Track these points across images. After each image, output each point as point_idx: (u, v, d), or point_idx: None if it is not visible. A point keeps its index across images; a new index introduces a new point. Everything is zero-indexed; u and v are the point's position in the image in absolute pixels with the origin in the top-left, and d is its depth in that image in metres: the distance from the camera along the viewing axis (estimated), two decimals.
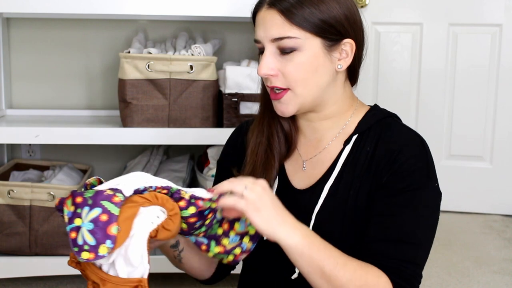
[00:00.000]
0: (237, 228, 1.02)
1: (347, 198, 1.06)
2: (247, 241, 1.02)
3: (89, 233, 0.82)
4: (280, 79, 1.07)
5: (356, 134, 1.11)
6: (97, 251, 0.81)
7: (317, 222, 1.07)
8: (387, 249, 1.01)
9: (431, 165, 1.07)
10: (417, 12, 2.90)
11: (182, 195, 0.93)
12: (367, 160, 1.07)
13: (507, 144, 2.89)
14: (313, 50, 1.05)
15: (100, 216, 0.82)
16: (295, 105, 1.08)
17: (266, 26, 1.06)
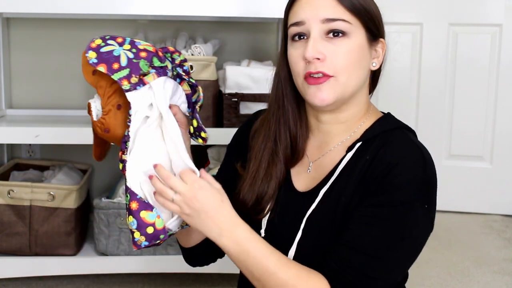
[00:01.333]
0: (143, 215, 0.99)
1: (338, 204, 1.05)
2: (138, 235, 0.99)
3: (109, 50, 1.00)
4: (327, 65, 1.04)
5: (360, 142, 1.08)
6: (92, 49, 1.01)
7: (307, 226, 1.06)
8: (348, 255, 0.99)
9: (426, 187, 1.02)
10: (417, 12, 2.91)
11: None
12: (363, 169, 1.04)
13: (507, 144, 2.89)
14: (360, 40, 1.05)
15: (117, 63, 0.98)
16: (335, 94, 1.05)
17: (317, 6, 1.04)
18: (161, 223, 0.99)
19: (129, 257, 2.01)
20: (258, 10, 1.95)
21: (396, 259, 1.00)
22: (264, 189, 1.12)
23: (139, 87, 0.98)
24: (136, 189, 0.99)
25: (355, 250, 0.99)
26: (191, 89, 1.09)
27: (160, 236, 1.00)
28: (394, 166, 1.00)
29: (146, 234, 0.99)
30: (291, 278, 0.98)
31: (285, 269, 0.99)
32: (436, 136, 2.92)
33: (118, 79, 0.97)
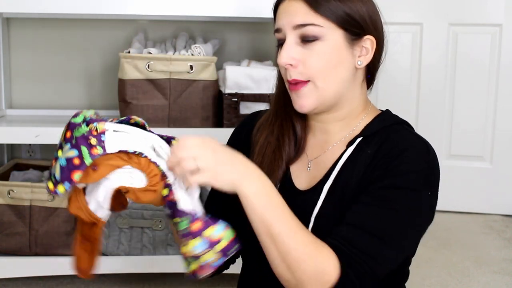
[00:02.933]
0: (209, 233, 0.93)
1: (344, 199, 1.05)
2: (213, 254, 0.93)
3: (60, 168, 0.90)
4: (301, 70, 1.05)
5: (360, 137, 1.09)
6: (56, 187, 0.90)
7: (316, 224, 1.06)
8: (353, 235, 0.98)
9: (432, 175, 1.04)
10: (417, 12, 2.91)
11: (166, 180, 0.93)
12: (366, 162, 1.05)
13: (507, 144, 2.89)
14: (336, 42, 1.05)
15: (74, 158, 0.90)
16: (314, 99, 1.06)
17: (289, 13, 1.04)
18: (230, 234, 0.94)
19: (129, 257, 2.01)
20: (258, 10, 1.95)
21: (396, 240, 1.01)
22: None
23: (103, 137, 0.91)
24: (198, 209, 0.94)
25: (357, 228, 0.99)
26: None
27: (234, 247, 0.95)
28: (399, 154, 1.02)
29: (220, 251, 0.93)
30: (309, 242, 0.96)
31: (305, 233, 0.96)
32: (436, 136, 2.92)
33: (90, 157, 0.90)
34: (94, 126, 0.92)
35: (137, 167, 0.92)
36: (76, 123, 0.93)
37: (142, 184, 0.92)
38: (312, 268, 0.95)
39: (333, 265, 0.96)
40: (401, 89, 2.93)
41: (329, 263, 0.96)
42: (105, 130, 0.92)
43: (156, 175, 0.93)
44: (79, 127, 0.93)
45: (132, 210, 2.01)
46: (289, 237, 0.95)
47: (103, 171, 0.91)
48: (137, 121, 0.98)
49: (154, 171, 0.93)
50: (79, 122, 0.94)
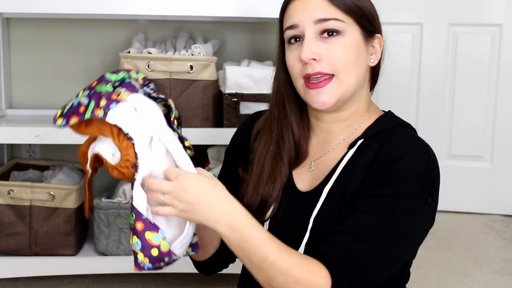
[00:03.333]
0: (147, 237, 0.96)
1: (344, 202, 1.05)
2: (142, 257, 0.96)
3: (70, 105, 0.97)
4: (325, 64, 1.04)
5: (361, 139, 1.09)
6: (58, 118, 0.98)
7: (315, 226, 1.06)
8: (349, 244, 0.98)
9: (430, 180, 1.03)
10: (417, 12, 2.91)
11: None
12: (366, 165, 1.04)
13: (507, 144, 2.89)
14: (355, 38, 1.06)
15: (82, 106, 0.96)
16: (337, 94, 1.05)
17: (308, 8, 1.05)
18: (167, 245, 0.96)
19: (129, 257, 2.01)
20: (258, 10, 1.95)
21: (394, 250, 1.00)
22: (269, 192, 1.12)
23: (112, 105, 0.95)
24: (142, 209, 0.96)
25: (355, 238, 0.99)
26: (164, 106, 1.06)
27: (164, 259, 0.97)
28: (398, 159, 1.01)
29: (150, 256, 0.95)
30: (291, 265, 0.97)
31: (285, 257, 0.97)
32: (436, 136, 2.92)
33: (91, 114, 0.94)
34: (119, 91, 0.97)
35: (117, 145, 0.96)
36: (106, 79, 0.98)
37: (116, 161, 0.97)
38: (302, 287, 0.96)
39: (323, 281, 0.96)
40: (401, 89, 2.93)
41: (319, 280, 0.96)
42: (122, 100, 0.96)
43: (129, 160, 0.96)
44: (105, 83, 0.98)
45: None
46: (270, 265, 0.96)
47: (90, 131, 0.97)
48: (171, 105, 1.04)
49: (128, 157, 0.96)
50: (110, 79, 0.99)
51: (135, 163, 0.96)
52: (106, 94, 0.96)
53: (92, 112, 0.94)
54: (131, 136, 0.95)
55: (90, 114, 0.94)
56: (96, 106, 0.94)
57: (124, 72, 1.02)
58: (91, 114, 0.94)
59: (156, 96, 1.03)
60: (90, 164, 0.99)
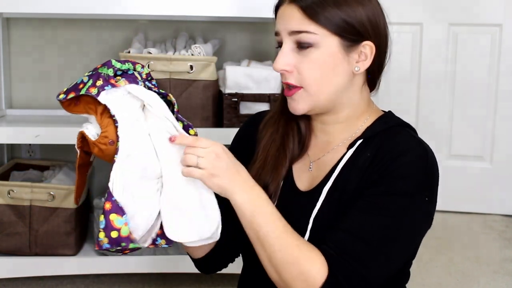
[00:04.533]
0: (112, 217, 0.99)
1: (342, 201, 1.05)
2: (103, 236, 0.99)
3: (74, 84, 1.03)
4: (295, 76, 1.06)
5: (361, 140, 1.09)
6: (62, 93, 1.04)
7: (315, 225, 1.07)
8: (346, 242, 0.99)
9: (428, 179, 1.03)
10: (417, 12, 2.91)
11: None
12: (365, 165, 1.05)
13: (507, 144, 2.89)
14: (330, 49, 1.04)
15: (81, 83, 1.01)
16: (307, 104, 1.08)
17: (285, 19, 1.06)
18: (127, 231, 0.99)
19: (129, 257, 2.01)
20: (258, 10, 1.95)
21: (390, 248, 1.00)
22: (271, 178, 1.13)
23: (107, 87, 0.99)
24: (116, 191, 0.99)
25: (352, 235, 0.99)
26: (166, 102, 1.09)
27: (121, 244, 1.00)
28: (396, 158, 1.02)
29: (109, 237, 0.99)
30: (292, 245, 1.00)
31: (289, 235, 1.01)
32: (436, 136, 2.92)
33: (86, 91, 0.99)
34: (118, 79, 1.02)
35: (99, 122, 1.01)
36: (111, 64, 1.03)
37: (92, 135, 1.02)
38: (297, 270, 0.98)
39: (318, 268, 0.97)
40: (401, 89, 2.93)
41: (314, 266, 0.98)
42: (118, 86, 1.01)
43: (107, 137, 1.00)
44: (108, 68, 1.03)
45: None
46: (275, 240, 1.00)
47: (77, 109, 1.03)
48: (171, 101, 1.08)
49: (107, 133, 1.00)
50: (114, 66, 1.03)
51: (113, 141, 1.00)
52: (105, 76, 1.01)
53: (87, 89, 1.00)
54: (116, 119, 0.99)
55: (85, 91, 0.99)
56: (92, 85, 1.00)
57: (129, 63, 1.06)
58: (86, 91, 0.99)
59: (157, 91, 1.06)
60: (77, 144, 1.04)
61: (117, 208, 0.99)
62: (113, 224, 0.98)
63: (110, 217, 0.98)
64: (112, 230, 0.98)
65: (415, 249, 1.10)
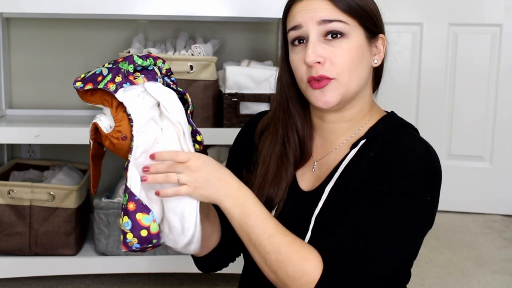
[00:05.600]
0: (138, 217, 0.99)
1: (345, 201, 1.05)
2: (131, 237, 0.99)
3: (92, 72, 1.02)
4: (327, 68, 1.05)
5: (364, 139, 1.09)
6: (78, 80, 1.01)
7: (316, 225, 1.07)
8: (345, 236, 0.99)
9: (431, 179, 1.03)
10: (417, 12, 2.91)
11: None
12: (368, 165, 1.05)
13: (507, 144, 2.89)
14: (359, 39, 1.06)
15: (100, 75, 1.00)
16: (339, 95, 1.06)
17: (312, 10, 1.05)
18: (156, 227, 0.99)
19: (129, 257, 2.01)
20: (258, 10, 1.95)
21: (390, 246, 1.00)
22: (274, 192, 1.13)
23: (125, 84, 0.99)
24: (136, 190, 0.99)
25: (351, 231, 0.99)
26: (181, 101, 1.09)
27: (152, 241, 0.99)
28: (399, 158, 1.02)
29: (139, 237, 0.98)
30: (284, 244, 0.99)
31: (281, 235, 1.00)
32: (436, 136, 2.92)
33: (104, 85, 0.98)
34: (137, 75, 1.02)
35: (113, 115, 1.00)
36: (132, 60, 1.02)
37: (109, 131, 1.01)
38: (292, 269, 0.98)
39: (313, 265, 0.97)
40: (401, 89, 2.93)
41: (308, 263, 0.97)
42: (137, 83, 1.01)
43: (120, 132, 0.99)
44: (128, 63, 1.02)
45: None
46: (266, 241, 1.00)
47: (93, 99, 1.01)
48: (187, 100, 1.06)
49: (120, 128, 0.99)
50: (136, 62, 1.03)
51: (126, 136, 0.99)
52: (124, 72, 1.00)
53: (105, 84, 0.99)
54: (132, 118, 0.99)
55: (103, 86, 0.99)
56: (111, 80, 0.99)
57: (151, 59, 1.05)
58: (104, 85, 0.99)
59: (175, 88, 1.06)
60: (90, 135, 1.03)
61: (142, 206, 0.98)
62: (141, 223, 0.98)
63: (136, 216, 0.98)
64: (141, 229, 0.98)
65: (416, 249, 1.10)
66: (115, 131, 0.99)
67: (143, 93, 1.01)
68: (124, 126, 0.99)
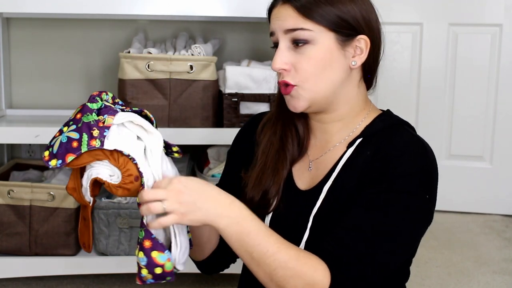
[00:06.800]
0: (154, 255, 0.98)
1: (343, 200, 1.05)
2: (146, 273, 0.99)
3: (59, 143, 0.96)
4: (292, 74, 1.06)
5: (360, 138, 1.09)
6: (50, 159, 0.96)
7: (314, 224, 1.07)
8: (347, 239, 0.99)
9: (428, 178, 1.04)
10: (417, 12, 2.91)
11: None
12: (365, 164, 1.05)
13: (507, 144, 2.89)
14: (327, 44, 1.05)
15: (73, 141, 0.96)
16: (305, 100, 1.07)
17: (280, 18, 1.06)
18: (171, 266, 0.98)
19: (129, 257, 2.01)
20: (258, 10, 1.94)
21: (391, 245, 1.00)
22: (271, 184, 1.13)
23: (105, 133, 0.96)
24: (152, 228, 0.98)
25: (352, 233, 0.99)
26: None
27: (166, 278, 1.00)
28: (397, 157, 1.02)
29: (153, 273, 0.98)
30: (290, 258, 0.97)
31: (285, 250, 0.98)
32: (436, 136, 2.92)
33: (88, 147, 0.95)
34: (103, 118, 0.97)
35: (114, 164, 0.97)
36: (90, 109, 0.98)
37: (118, 180, 0.97)
38: (301, 282, 0.97)
39: (322, 275, 0.97)
40: (401, 89, 2.93)
41: (317, 273, 0.97)
42: (111, 125, 0.97)
43: (131, 175, 0.97)
44: (89, 114, 0.98)
45: (132, 210, 2.01)
46: (271, 258, 0.97)
47: (82, 161, 0.96)
48: (148, 116, 1.03)
49: (130, 171, 0.97)
50: (93, 108, 0.98)
51: (137, 176, 0.97)
52: (95, 123, 0.97)
53: (88, 145, 0.95)
54: (133, 157, 0.97)
55: (87, 147, 0.95)
56: (90, 138, 0.95)
57: (97, 98, 1.01)
58: (87, 146, 0.95)
59: (130, 110, 1.03)
60: (91, 193, 0.99)
61: (157, 245, 0.98)
62: (156, 261, 0.98)
63: (152, 254, 0.97)
64: (155, 267, 0.98)
65: (415, 247, 1.10)
66: (126, 177, 0.97)
67: (119, 130, 0.98)
68: (131, 168, 0.97)
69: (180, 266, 1.01)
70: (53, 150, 0.96)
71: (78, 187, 1.00)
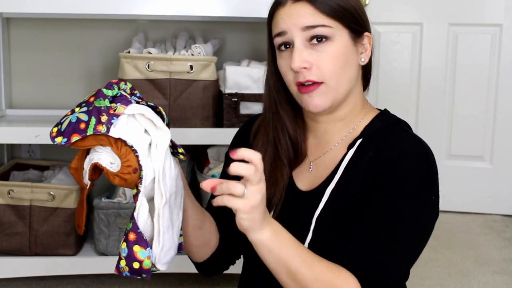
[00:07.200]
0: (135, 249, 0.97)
1: (345, 202, 1.05)
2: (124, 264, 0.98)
3: (69, 122, 0.96)
4: (314, 72, 1.05)
5: (360, 139, 1.09)
6: (56, 136, 0.97)
7: (317, 225, 1.07)
8: (365, 251, 0.99)
9: (431, 177, 1.05)
10: (417, 12, 2.91)
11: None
12: (369, 166, 1.05)
13: (507, 144, 2.89)
14: (344, 41, 1.06)
15: (81, 122, 0.96)
16: (329, 99, 1.06)
17: (295, 16, 1.05)
18: (149, 264, 0.98)
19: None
20: (258, 10, 1.95)
21: (408, 249, 1.02)
22: (272, 193, 1.12)
23: (113, 120, 0.96)
24: (141, 223, 0.98)
25: (372, 244, 1.00)
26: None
27: (142, 275, 0.99)
28: (398, 159, 1.03)
29: (131, 267, 0.98)
30: (324, 271, 0.97)
31: (318, 262, 0.98)
32: (436, 136, 2.92)
33: (94, 130, 0.95)
34: (115, 106, 0.98)
35: (116, 153, 0.97)
36: (104, 94, 0.99)
37: (117, 169, 0.97)
38: None
39: (354, 286, 0.97)
40: (401, 89, 2.93)
41: (350, 286, 0.97)
42: (121, 114, 0.97)
43: (130, 166, 0.97)
44: (103, 99, 0.98)
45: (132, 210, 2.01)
46: (307, 271, 0.96)
47: (86, 143, 0.97)
48: (161, 113, 1.03)
49: (129, 162, 0.97)
50: (107, 95, 0.99)
51: (136, 168, 0.97)
52: (105, 109, 0.97)
53: (94, 128, 0.95)
54: (136, 149, 0.97)
55: (93, 131, 0.95)
56: (98, 122, 0.96)
57: (115, 85, 1.02)
58: (93, 130, 0.95)
59: (145, 103, 1.03)
60: (89, 176, 1.00)
61: (141, 240, 0.97)
62: (136, 255, 0.97)
63: (134, 248, 0.97)
64: (134, 261, 0.97)
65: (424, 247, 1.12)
66: (124, 167, 0.97)
67: (129, 120, 0.98)
68: (131, 159, 0.97)
69: (161, 265, 1.01)
70: (62, 127, 0.97)
71: (79, 168, 1.00)
